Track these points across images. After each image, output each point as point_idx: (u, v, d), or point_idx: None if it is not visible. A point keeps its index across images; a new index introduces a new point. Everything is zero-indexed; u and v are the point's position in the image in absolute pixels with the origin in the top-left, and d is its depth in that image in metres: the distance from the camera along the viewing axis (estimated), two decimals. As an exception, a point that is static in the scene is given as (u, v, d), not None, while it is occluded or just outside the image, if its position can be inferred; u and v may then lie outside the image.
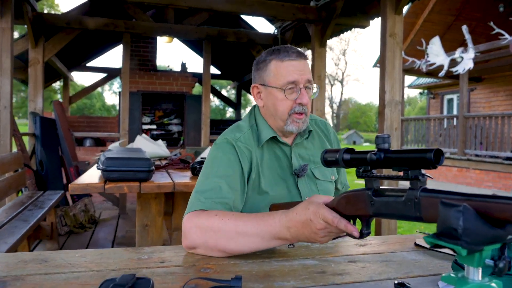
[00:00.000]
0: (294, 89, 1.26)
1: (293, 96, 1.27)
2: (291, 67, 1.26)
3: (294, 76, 1.25)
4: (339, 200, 0.93)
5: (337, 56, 55.68)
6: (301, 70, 1.26)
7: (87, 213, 4.77)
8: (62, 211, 4.40)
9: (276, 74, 1.27)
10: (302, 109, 1.27)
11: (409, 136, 11.29)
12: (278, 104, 1.28)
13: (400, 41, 3.33)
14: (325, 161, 0.94)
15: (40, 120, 4.91)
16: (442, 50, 9.63)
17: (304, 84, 1.26)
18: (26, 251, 2.78)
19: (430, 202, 0.71)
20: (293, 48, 1.30)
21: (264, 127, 1.33)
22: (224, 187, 1.17)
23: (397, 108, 3.34)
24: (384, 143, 0.81)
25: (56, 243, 3.86)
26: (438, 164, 0.71)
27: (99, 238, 4.28)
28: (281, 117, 1.29)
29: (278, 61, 1.27)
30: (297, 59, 1.26)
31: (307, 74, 1.27)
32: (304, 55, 1.29)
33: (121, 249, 1.15)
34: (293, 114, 1.27)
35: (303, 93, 1.26)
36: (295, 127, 1.28)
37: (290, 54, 1.26)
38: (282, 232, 1.00)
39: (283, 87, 1.26)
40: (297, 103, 1.26)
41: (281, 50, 1.28)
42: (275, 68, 1.27)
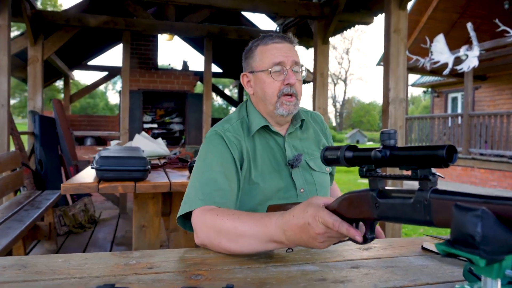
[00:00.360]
0: (281, 71, 1.25)
1: (280, 78, 1.26)
2: (275, 49, 1.26)
3: (279, 57, 1.25)
4: (340, 201, 0.86)
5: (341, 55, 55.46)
6: (286, 52, 1.26)
7: (86, 213, 4.72)
8: (61, 211, 4.34)
9: (262, 58, 1.27)
10: (291, 89, 1.25)
11: (413, 135, 11.19)
12: (266, 87, 1.27)
13: (405, 37, 3.25)
14: (325, 159, 0.87)
15: (39, 119, 4.86)
16: (446, 48, 9.53)
17: (290, 65, 1.25)
18: (22, 253, 2.73)
19: (442, 204, 0.64)
20: (278, 33, 1.32)
21: (256, 117, 1.32)
22: (219, 178, 1.17)
23: (401, 106, 3.27)
24: (390, 139, 0.73)
25: (54, 243, 3.80)
26: (451, 162, 0.64)
27: (98, 238, 4.22)
28: (270, 100, 1.27)
29: (262, 46, 1.28)
30: (281, 42, 1.27)
31: (293, 56, 1.26)
32: (288, 39, 1.30)
33: (108, 253, 1.08)
34: (282, 96, 1.26)
35: (290, 73, 1.25)
36: (285, 110, 1.26)
37: (273, 38, 1.27)
38: (277, 235, 0.94)
39: (269, 68, 1.25)
40: (284, 84, 1.25)
41: (265, 36, 1.29)
42: (260, 52, 1.28)
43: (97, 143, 7.11)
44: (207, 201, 1.12)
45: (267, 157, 1.28)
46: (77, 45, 7.40)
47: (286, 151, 1.30)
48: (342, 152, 0.82)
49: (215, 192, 1.14)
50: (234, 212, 1.06)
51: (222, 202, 1.14)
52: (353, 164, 0.81)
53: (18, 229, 2.51)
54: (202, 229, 1.06)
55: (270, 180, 1.25)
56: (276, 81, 1.25)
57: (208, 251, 1.09)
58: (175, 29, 5.66)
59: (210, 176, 1.17)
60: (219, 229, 1.02)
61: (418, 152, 0.67)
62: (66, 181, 1.93)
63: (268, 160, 1.28)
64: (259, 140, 1.30)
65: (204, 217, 1.07)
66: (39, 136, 4.79)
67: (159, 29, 5.61)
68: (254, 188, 1.24)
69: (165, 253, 1.08)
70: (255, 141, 1.29)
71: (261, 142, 1.30)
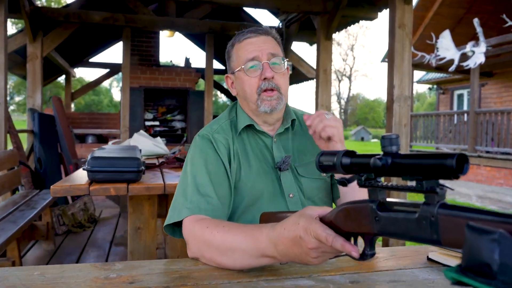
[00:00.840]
0: (257, 67, 1.17)
1: (256, 73, 1.18)
2: (248, 45, 1.19)
3: (252, 52, 1.18)
4: (337, 213, 0.77)
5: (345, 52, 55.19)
6: (259, 45, 1.18)
7: (86, 212, 4.66)
8: (60, 210, 4.28)
9: (237, 56, 1.21)
10: (269, 84, 1.17)
11: (418, 133, 11.06)
12: (245, 85, 1.20)
13: (410, 33, 3.14)
14: (320, 165, 0.78)
15: (38, 117, 4.80)
16: (452, 44, 9.39)
17: (267, 58, 1.17)
18: (16, 254, 2.67)
19: (452, 222, 0.55)
20: (252, 28, 1.24)
21: (241, 116, 1.25)
22: (207, 185, 1.11)
23: (406, 103, 3.17)
24: (391, 145, 0.65)
25: (52, 243, 3.74)
26: (462, 173, 0.55)
27: (97, 238, 4.16)
28: (251, 99, 1.20)
29: (237, 44, 1.22)
30: (255, 36, 1.20)
31: (268, 48, 1.18)
32: (263, 30, 1.22)
33: (88, 265, 1.00)
34: (262, 93, 1.18)
35: (265, 66, 1.17)
36: (267, 106, 1.18)
37: (246, 33, 1.21)
38: (269, 249, 0.86)
39: (243, 66, 1.18)
40: (261, 79, 1.17)
41: (239, 33, 1.23)
42: (236, 51, 1.22)
43: (98, 141, 7.06)
44: (194, 210, 1.07)
45: (257, 158, 1.22)
46: (77, 42, 7.33)
47: (274, 152, 1.23)
48: (338, 158, 0.74)
49: (202, 199, 1.09)
50: (225, 224, 0.99)
51: (210, 210, 1.08)
52: (350, 171, 0.73)
53: (11, 231, 2.45)
54: (193, 243, 1.01)
55: (258, 182, 1.19)
56: (252, 78, 1.18)
57: (195, 263, 1.01)
58: (176, 26, 5.57)
59: (197, 182, 1.12)
60: (209, 243, 0.96)
61: (424, 161, 0.59)
62: (56, 182, 1.85)
63: (257, 161, 1.21)
64: (248, 140, 1.24)
65: (194, 230, 1.02)
66: (39, 134, 4.73)
67: (159, 25, 5.53)
68: (241, 187, 1.18)
69: (149, 265, 1.01)
70: (244, 141, 1.23)
71: (250, 142, 1.24)
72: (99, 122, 7.68)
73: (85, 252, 3.69)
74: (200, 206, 1.07)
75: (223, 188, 1.14)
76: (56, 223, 4.19)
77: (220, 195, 1.12)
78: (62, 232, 4.23)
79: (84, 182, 1.88)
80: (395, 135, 0.65)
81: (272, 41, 1.22)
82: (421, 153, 0.60)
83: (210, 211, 1.07)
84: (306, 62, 6.29)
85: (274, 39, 1.23)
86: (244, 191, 1.18)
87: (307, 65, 6.31)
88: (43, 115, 4.90)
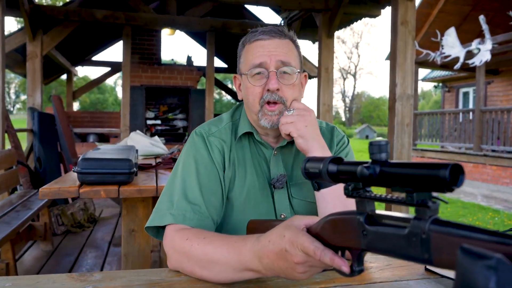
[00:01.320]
0: (262, 74, 1.05)
1: (261, 82, 1.06)
2: (259, 47, 1.05)
3: (260, 57, 1.04)
4: (323, 224, 0.71)
5: (350, 49, 54.93)
6: (270, 50, 1.05)
7: (86, 212, 4.62)
8: (59, 210, 4.25)
9: (245, 58, 1.08)
10: (272, 96, 1.05)
11: (422, 131, 10.95)
12: (249, 93, 1.08)
13: (413, 30, 3.07)
14: (306, 172, 0.72)
15: (38, 116, 4.76)
16: (457, 41, 9.27)
17: (275, 65, 1.04)
18: (10, 256, 2.63)
19: (445, 241, 0.49)
20: (269, 27, 1.09)
21: (243, 122, 1.15)
22: (195, 190, 1.03)
23: (409, 102, 3.09)
24: (380, 153, 0.58)
25: (50, 244, 3.71)
26: (456, 186, 0.49)
27: (96, 238, 4.12)
28: (253, 109, 1.09)
29: (248, 44, 1.09)
30: (268, 38, 1.06)
31: (280, 55, 1.05)
32: (279, 33, 1.07)
33: (65, 276, 0.95)
34: (265, 105, 1.06)
35: (271, 76, 1.04)
36: (268, 121, 1.06)
37: (259, 34, 1.06)
38: (253, 263, 0.80)
39: (248, 71, 1.06)
40: (266, 89, 1.05)
41: (252, 31, 1.09)
42: (245, 52, 1.09)
43: (100, 140, 7.03)
44: (178, 218, 0.99)
45: (254, 169, 1.12)
46: (78, 40, 7.29)
47: (271, 166, 1.13)
48: (325, 165, 0.68)
49: (189, 207, 1.01)
50: (206, 235, 0.92)
51: (196, 220, 1.01)
52: (337, 180, 0.67)
53: (4, 233, 2.41)
54: (173, 255, 0.95)
55: (251, 197, 1.10)
56: (256, 87, 1.06)
57: (177, 274, 0.96)
58: (176, 24, 5.51)
59: (186, 187, 1.04)
60: (189, 255, 0.90)
61: (415, 171, 0.53)
62: (46, 184, 1.81)
63: (254, 173, 1.12)
64: (249, 148, 1.14)
65: (173, 241, 0.95)
66: (38, 133, 4.69)
67: (160, 24, 5.47)
68: (232, 199, 1.10)
69: (128, 275, 0.95)
70: (244, 148, 1.13)
71: (251, 149, 1.14)
72: (101, 121, 7.65)
73: (83, 253, 3.65)
74: (185, 215, 1.00)
75: (214, 195, 1.06)
76: (55, 223, 4.15)
77: (209, 204, 1.04)
78: (61, 232, 4.19)
79: (73, 184, 1.83)
80: (385, 141, 0.59)
81: (286, 46, 1.08)
82: (413, 162, 0.54)
83: (196, 221, 1.01)
84: (308, 60, 6.22)
85: (291, 42, 1.10)
86: (236, 204, 1.10)
87: (309, 63, 6.23)
88: (43, 114, 4.86)
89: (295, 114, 1.05)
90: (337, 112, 62.47)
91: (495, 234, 0.44)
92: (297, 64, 1.09)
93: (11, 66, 6.61)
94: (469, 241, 0.46)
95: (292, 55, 1.08)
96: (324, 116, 4.49)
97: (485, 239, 0.45)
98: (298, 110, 1.06)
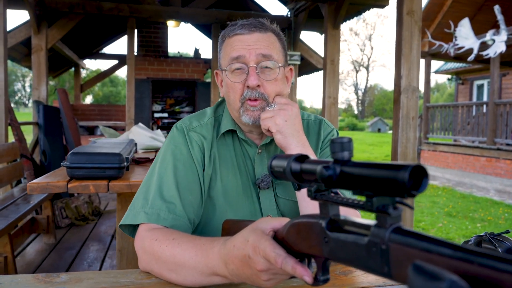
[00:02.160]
0: (242, 69, 0.99)
1: (241, 78, 1.00)
2: (237, 41, 0.99)
3: (239, 50, 0.98)
4: (288, 228, 0.65)
5: (363, 42, 54.21)
6: (250, 44, 0.98)
7: (90, 205, 4.62)
8: (63, 203, 4.26)
9: (224, 54, 1.02)
10: (252, 94, 0.99)
11: (435, 124, 10.76)
12: (229, 90, 1.02)
13: (419, 20, 2.96)
14: (272, 171, 0.66)
15: (43, 109, 4.77)
16: (471, 32, 9.04)
17: (255, 60, 0.98)
18: (8, 250, 2.62)
19: (405, 254, 0.43)
20: (249, 20, 1.03)
21: (226, 119, 1.09)
22: (172, 188, 0.98)
23: (414, 95, 2.99)
24: (342, 151, 0.52)
25: (53, 237, 3.72)
26: (417, 191, 0.43)
27: (99, 231, 4.12)
28: (234, 106, 1.03)
29: (227, 38, 1.02)
30: (248, 32, 0.99)
31: (260, 48, 0.98)
32: (260, 26, 1.00)
33: (30, 276, 0.91)
34: (246, 101, 1.00)
35: (250, 72, 0.98)
36: (249, 117, 1.00)
37: (238, 28, 1.00)
38: (219, 268, 0.75)
39: (227, 67, 1.00)
40: (246, 86, 0.99)
41: (232, 24, 1.02)
42: (224, 47, 1.03)
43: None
44: (152, 217, 0.95)
45: (238, 168, 1.07)
46: (85, 33, 7.28)
47: (255, 166, 1.07)
48: (288, 164, 0.62)
49: (164, 206, 0.96)
50: (175, 235, 0.87)
51: (170, 220, 0.96)
52: (301, 180, 0.60)
53: (1, 226, 2.40)
54: (143, 256, 0.91)
55: (234, 197, 1.05)
56: (236, 83, 1.00)
57: (148, 275, 0.92)
58: (181, 16, 5.45)
59: (162, 184, 0.99)
60: (158, 257, 0.86)
61: (373, 172, 0.46)
62: (34, 180, 1.77)
63: (238, 172, 1.06)
64: (232, 146, 1.08)
65: (143, 241, 0.91)
66: (43, 126, 4.70)
67: (164, 16, 5.41)
68: (214, 197, 1.05)
69: (97, 277, 0.91)
70: (228, 146, 1.08)
71: (235, 148, 1.08)
72: (108, 114, 7.66)
73: (85, 246, 3.65)
74: (159, 214, 0.95)
75: (191, 193, 1.01)
76: (58, 216, 4.16)
77: (186, 202, 0.99)
78: (65, 225, 4.21)
79: (63, 179, 1.79)
80: (347, 138, 0.52)
81: (268, 39, 1.01)
82: (375, 162, 0.48)
83: (170, 221, 0.96)
84: (315, 52, 6.10)
85: (274, 35, 1.03)
86: (218, 204, 1.05)
87: (316, 55, 6.12)
88: (48, 107, 4.86)
89: (276, 108, 0.99)
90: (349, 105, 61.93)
91: (460, 249, 0.38)
92: (280, 57, 1.03)
93: (18, 59, 6.64)
94: (428, 256, 0.40)
95: (274, 48, 1.01)
96: (330, 109, 4.40)
97: (447, 254, 0.38)
98: (280, 104, 1.00)
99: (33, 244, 3.69)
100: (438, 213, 6.55)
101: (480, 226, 5.81)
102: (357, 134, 31.17)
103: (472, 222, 5.99)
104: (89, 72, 35.60)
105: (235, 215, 1.04)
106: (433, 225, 5.86)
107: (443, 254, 0.39)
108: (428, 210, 6.76)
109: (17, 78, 50.32)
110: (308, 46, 6.02)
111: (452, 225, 5.84)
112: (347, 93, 76.87)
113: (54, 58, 7.36)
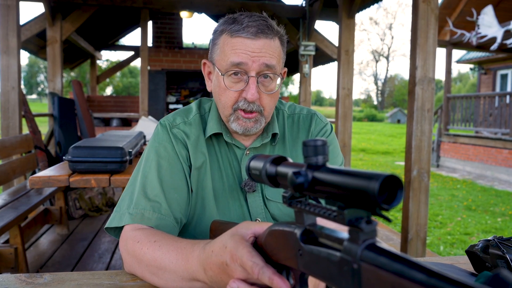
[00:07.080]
0: (240, 77, 0.93)
1: (238, 86, 0.94)
2: (241, 44, 0.91)
3: (241, 56, 0.91)
4: (266, 236, 0.60)
5: (383, 31, 53.23)
6: (255, 51, 0.91)
7: (104, 196, 4.66)
8: (77, 194, 4.30)
9: (223, 52, 0.94)
10: (249, 106, 0.94)
11: (456, 116, 10.48)
12: (221, 93, 0.97)
13: (436, 8, 2.83)
14: (249, 173, 0.61)
15: (58, 101, 4.81)
16: (495, 20, 8.74)
17: (257, 69, 0.92)
18: (19, 241, 2.65)
19: (375, 276, 0.37)
20: (257, 19, 0.93)
21: (212, 119, 1.03)
22: (156, 187, 0.95)
23: (430, 86, 2.88)
24: (316, 155, 0.46)
25: (66, 228, 3.76)
26: (390, 205, 0.37)
27: (112, 222, 4.15)
28: (223, 110, 0.98)
29: (227, 35, 0.94)
30: (254, 38, 0.91)
31: (264, 57, 0.91)
32: (267, 31, 0.92)
33: (12, 276, 0.89)
34: (239, 110, 0.95)
35: (251, 84, 0.92)
36: (240, 126, 0.96)
37: (244, 28, 0.91)
38: (199, 274, 0.71)
39: (224, 71, 0.93)
40: (242, 96, 0.94)
41: (236, 20, 0.93)
42: (223, 43, 0.95)
43: (123, 124, 7.09)
44: (136, 218, 0.92)
45: (225, 170, 1.02)
46: (100, 25, 7.30)
47: (242, 168, 1.02)
48: (264, 166, 0.56)
49: (148, 205, 0.93)
50: (157, 237, 0.84)
51: (155, 219, 0.93)
52: (277, 185, 0.55)
53: (10, 217, 2.42)
54: (126, 258, 0.88)
55: (219, 197, 1.01)
56: (231, 91, 0.94)
57: (133, 277, 0.89)
58: (194, 6, 5.40)
59: (147, 182, 0.96)
60: (140, 260, 0.83)
61: (344, 180, 0.41)
62: (36, 174, 1.77)
63: (225, 174, 1.02)
64: (219, 147, 1.03)
65: (126, 243, 0.89)
66: (58, 118, 4.75)
67: (178, 6, 5.37)
68: (205, 199, 1.01)
69: (80, 278, 0.89)
70: (214, 147, 1.03)
71: (222, 149, 1.03)
72: (124, 105, 7.70)
73: (97, 237, 3.68)
74: (144, 214, 0.92)
75: (177, 192, 0.97)
76: (72, 207, 4.21)
77: (172, 201, 0.95)
78: (78, 216, 4.25)
79: (61, 173, 1.78)
80: (321, 141, 0.47)
81: (273, 46, 0.94)
82: (348, 170, 0.42)
83: (155, 220, 0.92)
84: (331, 42, 5.97)
85: (278, 39, 0.96)
86: (207, 206, 1.00)
87: (332, 45, 5.99)
88: (63, 99, 4.90)
89: None
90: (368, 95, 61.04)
91: (434, 275, 0.32)
92: (280, 66, 0.98)
93: (35, 51, 6.72)
94: (401, 281, 0.34)
95: (278, 57, 0.95)
96: (344, 101, 4.31)
97: (421, 280, 0.33)
98: None
99: (47, 235, 3.74)
100: (458, 207, 6.39)
101: (500, 220, 5.64)
102: (376, 125, 30.74)
103: (492, 217, 5.82)
104: (109, 63, 35.95)
105: (224, 218, 1.00)
106: (451, 219, 5.71)
107: (416, 280, 0.33)
108: (447, 203, 6.60)
109: (40, 70, 51.31)
110: (323, 36, 5.90)
111: (472, 219, 5.69)
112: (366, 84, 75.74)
113: (70, 50, 7.42)
